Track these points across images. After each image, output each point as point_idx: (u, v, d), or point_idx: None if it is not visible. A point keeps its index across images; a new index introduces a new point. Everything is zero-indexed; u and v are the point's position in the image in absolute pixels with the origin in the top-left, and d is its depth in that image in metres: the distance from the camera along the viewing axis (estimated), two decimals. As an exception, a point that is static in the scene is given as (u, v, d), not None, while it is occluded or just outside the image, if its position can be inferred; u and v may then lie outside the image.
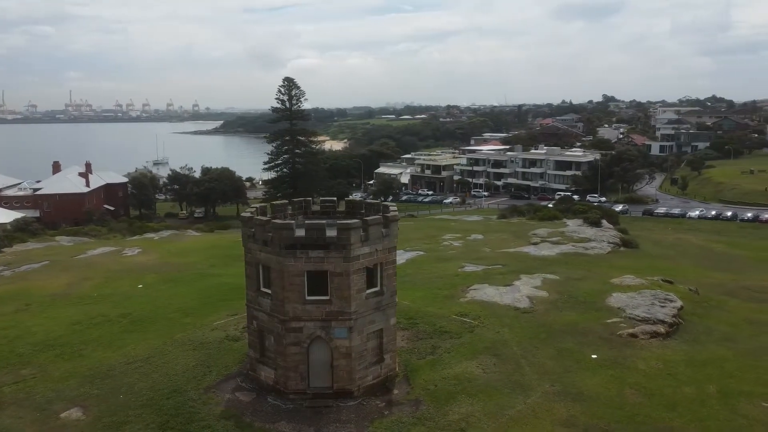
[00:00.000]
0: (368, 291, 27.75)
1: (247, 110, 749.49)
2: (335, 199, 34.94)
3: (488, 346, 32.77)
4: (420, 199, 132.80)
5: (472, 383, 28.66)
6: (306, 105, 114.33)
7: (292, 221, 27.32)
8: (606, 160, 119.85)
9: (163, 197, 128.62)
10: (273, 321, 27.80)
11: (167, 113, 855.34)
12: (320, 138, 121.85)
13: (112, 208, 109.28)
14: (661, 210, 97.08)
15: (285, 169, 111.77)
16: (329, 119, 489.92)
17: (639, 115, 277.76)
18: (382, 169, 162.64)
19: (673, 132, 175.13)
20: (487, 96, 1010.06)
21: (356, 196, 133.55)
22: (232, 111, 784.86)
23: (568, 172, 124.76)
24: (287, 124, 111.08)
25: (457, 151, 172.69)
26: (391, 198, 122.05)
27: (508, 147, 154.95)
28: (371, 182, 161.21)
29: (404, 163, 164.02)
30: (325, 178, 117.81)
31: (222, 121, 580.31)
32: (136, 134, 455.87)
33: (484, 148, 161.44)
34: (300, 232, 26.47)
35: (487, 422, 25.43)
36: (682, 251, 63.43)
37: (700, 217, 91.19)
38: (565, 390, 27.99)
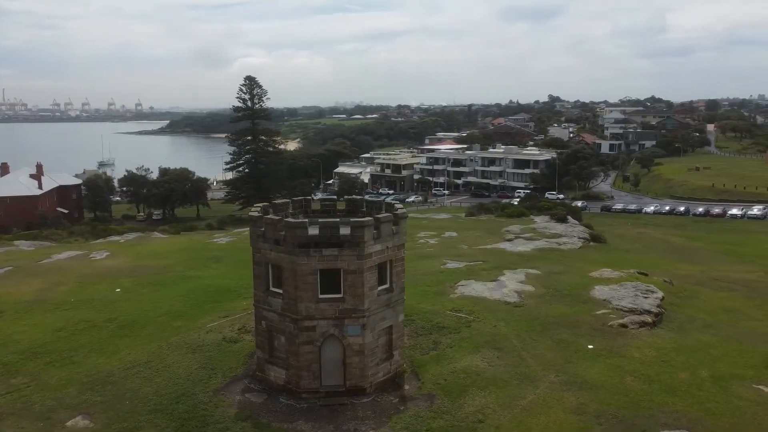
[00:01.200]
0: (379, 288, 27.96)
1: (194, 109, 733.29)
2: (335, 197, 34.93)
3: (488, 340, 33.48)
4: (382, 198, 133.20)
5: (480, 376, 29.26)
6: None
7: (305, 220, 27.23)
8: (562, 158, 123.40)
9: (118, 199, 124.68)
10: (284, 320, 27.64)
11: (109, 113, 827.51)
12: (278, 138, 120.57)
13: (65, 211, 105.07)
14: (619, 206, 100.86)
15: (247, 169, 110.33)
16: (279, 119, 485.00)
17: (587, 115, 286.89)
18: (341, 169, 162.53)
19: (621, 131, 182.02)
20: (436, 96, 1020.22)
21: (317, 196, 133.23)
22: (177, 110, 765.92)
23: (527, 171, 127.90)
24: (249, 123, 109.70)
25: (414, 150, 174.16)
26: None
27: (466, 146, 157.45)
28: (330, 182, 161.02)
29: (363, 163, 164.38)
30: (287, 178, 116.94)
31: (168, 121, 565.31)
32: (77, 135, 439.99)
33: (443, 147, 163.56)
34: (313, 231, 26.43)
35: (502, 413, 26.05)
36: (646, 245, 66.16)
37: (655, 213, 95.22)
38: (570, 380, 28.94)
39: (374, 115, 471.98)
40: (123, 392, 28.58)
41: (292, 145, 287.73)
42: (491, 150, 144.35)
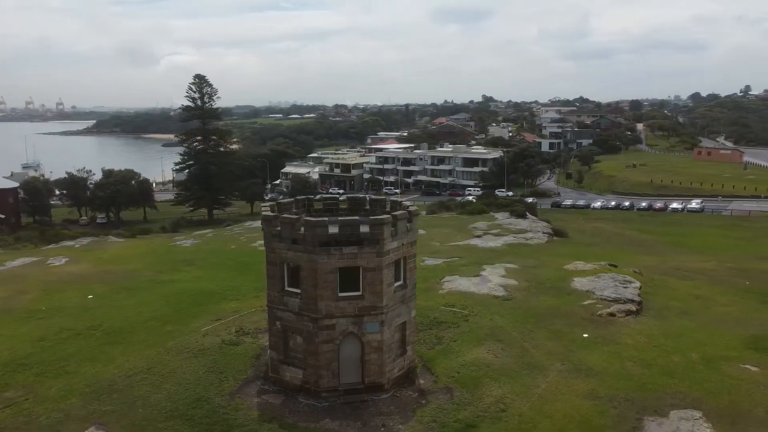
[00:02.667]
0: (395, 285, 28.28)
1: (120, 109, 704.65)
2: (337, 196, 34.92)
3: (488, 333, 34.39)
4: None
5: (490, 368, 30.08)
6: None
7: (325, 218, 27.20)
8: (509, 156, 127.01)
9: (57, 202, 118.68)
10: (302, 320, 27.50)
11: (27, 112, 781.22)
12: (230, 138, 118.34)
13: (2, 216, 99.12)
14: (568, 202, 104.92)
15: (197, 170, 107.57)
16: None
17: (524, 115, 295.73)
18: (288, 169, 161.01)
19: (560, 130, 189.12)
20: (371, 95, 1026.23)
21: (267, 196, 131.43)
22: (102, 110, 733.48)
23: (476, 169, 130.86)
24: (199, 123, 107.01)
25: (363, 149, 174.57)
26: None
27: (413, 145, 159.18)
28: (277, 182, 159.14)
29: (311, 162, 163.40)
30: (238, 178, 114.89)
31: (94, 121, 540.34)
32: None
33: (390, 146, 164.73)
34: (333, 229, 26.46)
35: (521, 402, 26.93)
36: (605, 238, 69.33)
37: (602, 208, 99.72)
38: (575, 367, 30.20)
39: (311, 115, 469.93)
40: (132, 400, 27.64)
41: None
42: (440, 149, 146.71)
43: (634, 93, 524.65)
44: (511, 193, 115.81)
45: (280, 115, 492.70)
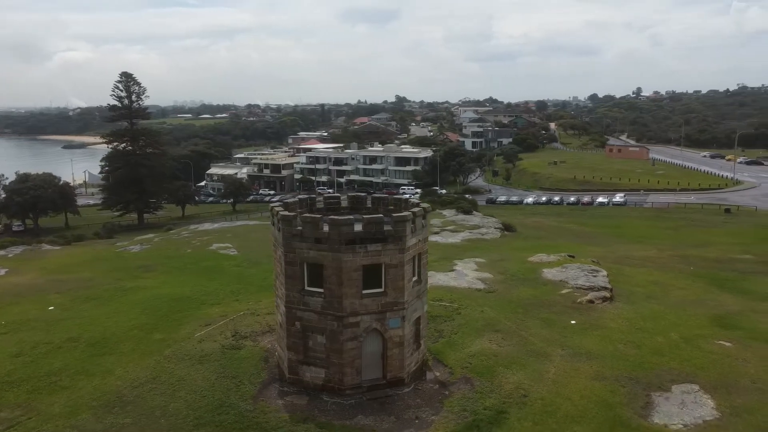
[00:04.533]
0: (413, 280, 28.89)
1: (9, 108, 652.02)
2: (339, 195, 34.97)
3: (484, 324, 35.68)
4: (267, 198, 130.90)
5: (498, 357, 31.32)
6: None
7: (351, 216, 27.32)
8: (440, 155, 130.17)
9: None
10: (325, 319, 27.49)
11: None
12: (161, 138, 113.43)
13: None
14: (502, 198, 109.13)
15: (126, 173, 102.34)
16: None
17: (442, 114, 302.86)
18: (214, 170, 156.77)
19: (481, 129, 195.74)
20: (283, 95, 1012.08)
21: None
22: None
23: (408, 168, 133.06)
24: (126, 123, 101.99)
25: (291, 149, 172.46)
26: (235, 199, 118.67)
27: (342, 145, 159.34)
28: (203, 183, 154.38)
29: (238, 163, 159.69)
30: (169, 180, 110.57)
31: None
32: None
33: (320, 146, 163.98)
34: (359, 227, 26.69)
35: (538, 387, 28.31)
36: (550, 232, 72.92)
37: (535, 203, 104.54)
38: (575, 352, 32.04)
39: (224, 115, 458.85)
40: (149, 410, 26.57)
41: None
42: (371, 149, 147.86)
43: (537, 94, 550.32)
44: (444, 191, 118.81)
45: (190, 115, 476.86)
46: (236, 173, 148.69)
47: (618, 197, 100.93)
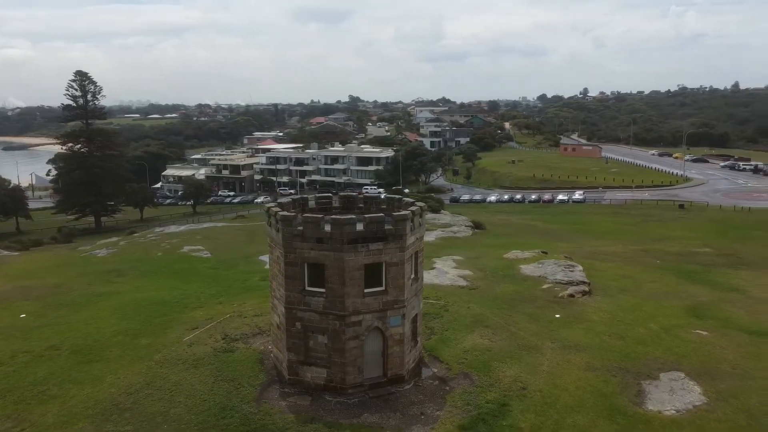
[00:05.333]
0: (412, 278, 29.21)
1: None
2: (330, 195, 34.95)
3: (472, 320, 36.32)
4: (227, 200, 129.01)
5: (492, 352, 31.98)
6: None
7: (353, 216, 27.40)
8: (402, 155, 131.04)
9: None
10: (327, 319, 27.49)
11: None
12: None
13: None
14: (466, 197, 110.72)
15: (81, 175, 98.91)
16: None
17: (397, 114, 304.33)
18: (170, 171, 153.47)
19: (439, 129, 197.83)
20: (233, 95, 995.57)
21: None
22: None
23: (371, 168, 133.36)
24: (82, 123, 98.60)
25: (250, 149, 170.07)
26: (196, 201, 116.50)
27: (302, 145, 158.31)
28: (158, 185, 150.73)
29: (196, 164, 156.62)
30: (125, 181, 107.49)
31: None
32: None
33: (279, 146, 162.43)
34: (360, 226, 26.82)
35: (535, 379, 29.07)
36: (517, 229, 74.52)
37: (498, 201, 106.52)
38: (565, 345, 33.02)
39: (173, 115, 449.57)
40: (149, 417, 26.00)
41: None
42: (332, 149, 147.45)
43: (488, 94, 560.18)
44: (407, 191, 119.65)
45: (138, 115, 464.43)
46: (194, 174, 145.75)
47: (577, 195, 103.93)
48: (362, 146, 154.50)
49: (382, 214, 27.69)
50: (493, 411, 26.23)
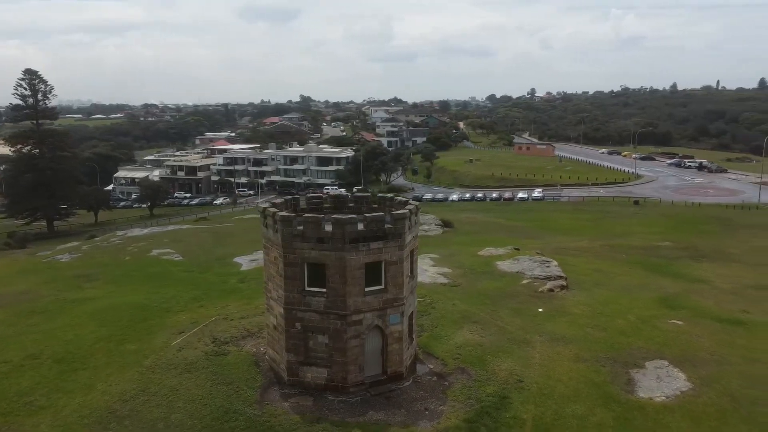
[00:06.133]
0: (409, 275, 29.56)
1: None
2: (321, 195, 34.88)
3: (460, 316, 36.98)
4: (185, 202, 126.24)
5: (484, 347, 32.66)
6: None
7: (354, 215, 27.50)
8: (362, 154, 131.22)
9: None
10: (328, 318, 27.54)
11: None
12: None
13: None
14: (428, 196, 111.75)
15: (32, 177, 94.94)
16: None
17: (352, 114, 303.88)
18: (122, 173, 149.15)
19: (396, 129, 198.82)
20: (180, 95, 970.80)
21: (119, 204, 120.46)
22: None
23: (331, 168, 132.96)
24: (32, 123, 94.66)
25: (205, 150, 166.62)
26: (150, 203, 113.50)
27: (259, 145, 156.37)
28: (110, 187, 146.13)
29: (149, 165, 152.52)
30: (78, 184, 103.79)
31: None
32: None
33: (236, 147, 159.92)
34: (361, 226, 27.00)
35: (528, 371, 29.89)
36: (485, 227, 75.81)
37: (460, 200, 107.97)
38: (552, 337, 34.04)
39: (118, 115, 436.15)
40: (151, 423, 25.49)
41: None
42: (291, 149, 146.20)
43: (438, 94, 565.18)
44: (370, 192, 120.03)
45: (80, 116, 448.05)
46: (147, 176, 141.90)
47: (537, 192, 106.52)
48: (321, 146, 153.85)
49: (382, 213, 27.93)
50: (495, 404, 26.87)
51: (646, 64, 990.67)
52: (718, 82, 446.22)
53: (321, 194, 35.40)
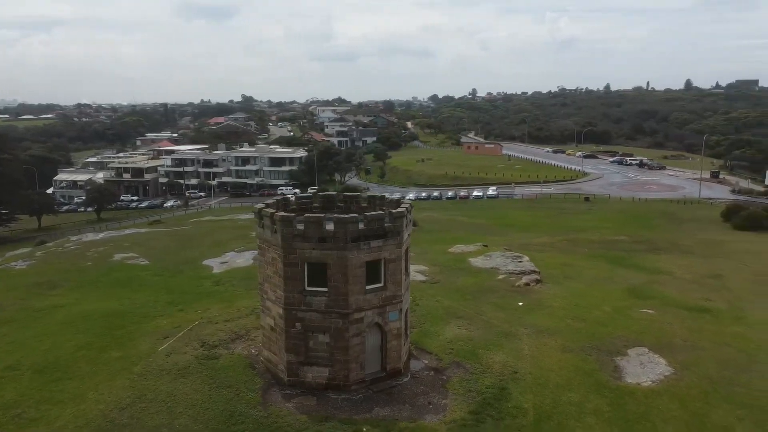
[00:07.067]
0: (404, 273, 30.00)
1: None
2: (311, 195, 34.79)
3: (445, 313, 37.68)
4: (133, 205, 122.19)
5: (474, 341, 33.45)
6: None
7: (356, 215, 27.66)
8: (316, 154, 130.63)
9: None
10: (330, 317, 27.63)
11: None
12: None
13: None
14: (386, 195, 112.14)
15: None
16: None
17: (300, 114, 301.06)
18: (63, 176, 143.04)
19: (346, 129, 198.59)
20: (114, 94, 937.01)
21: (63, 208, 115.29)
22: None
23: (284, 168, 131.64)
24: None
25: (153, 151, 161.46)
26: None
27: (208, 146, 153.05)
28: (50, 190, 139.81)
29: (92, 168, 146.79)
30: (20, 188, 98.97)
31: None
32: None
33: (184, 148, 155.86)
34: (362, 225, 27.24)
35: (521, 363, 30.84)
36: (448, 225, 77.04)
37: (417, 199, 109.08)
38: (537, 330, 35.21)
39: (49, 115, 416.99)
40: (154, 430, 24.93)
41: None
42: (242, 149, 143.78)
43: (381, 94, 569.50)
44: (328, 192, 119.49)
45: (7, 116, 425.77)
46: (90, 178, 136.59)
47: (491, 191, 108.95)
48: (273, 147, 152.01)
49: (382, 212, 28.24)
50: (495, 395, 27.65)
51: (581, 65, 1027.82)
52: (648, 83, 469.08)
53: (310, 194, 35.29)
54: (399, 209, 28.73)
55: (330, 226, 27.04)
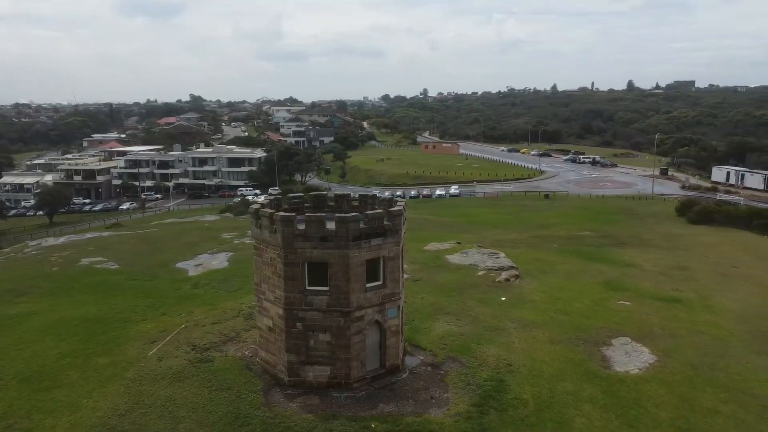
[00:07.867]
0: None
1: None
2: (302, 195, 34.67)
3: (432, 309, 38.27)
4: (87, 208, 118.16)
5: (465, 336, 34.12)
6: None
7: (357, 213, 27.81)
8: (276, 155, 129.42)
9: None
10: (331, 316, 27.74)
11: None
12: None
13: None
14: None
15: None
16: None
17: (254, 113, 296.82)
18: (8, 179, 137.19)
19: (302, 129, 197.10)
20: (52, 93, 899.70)
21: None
22: None
23: (244, 169, 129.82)
24: None
25: (104, 153, 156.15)
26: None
27: (163, 147, 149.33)
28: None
29: (39, 170, 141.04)
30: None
31: None
32: None
33: (138, 149, 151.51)
34: (362, 224, 27.46)
35: (514, 356, 31.68)
36: (418, 223, 77.17)
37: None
38: (523, 323, 36.18)
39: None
40: (159, 436, 24.46)
41: None
42: (199, 150, 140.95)
43: (332, 94, 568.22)
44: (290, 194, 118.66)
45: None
46: (38, 181, 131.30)
47: (453, 189, 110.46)
48: (231, 147, 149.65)
49: (382, 211, 28.50)
50: (494, 387, 28.34)
51: (528, 66, 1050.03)
52: (592, 83, 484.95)
53: (301, 194, 35.20)
54: (397, 207, 29.07)
55: (331, 225, 27.15)
